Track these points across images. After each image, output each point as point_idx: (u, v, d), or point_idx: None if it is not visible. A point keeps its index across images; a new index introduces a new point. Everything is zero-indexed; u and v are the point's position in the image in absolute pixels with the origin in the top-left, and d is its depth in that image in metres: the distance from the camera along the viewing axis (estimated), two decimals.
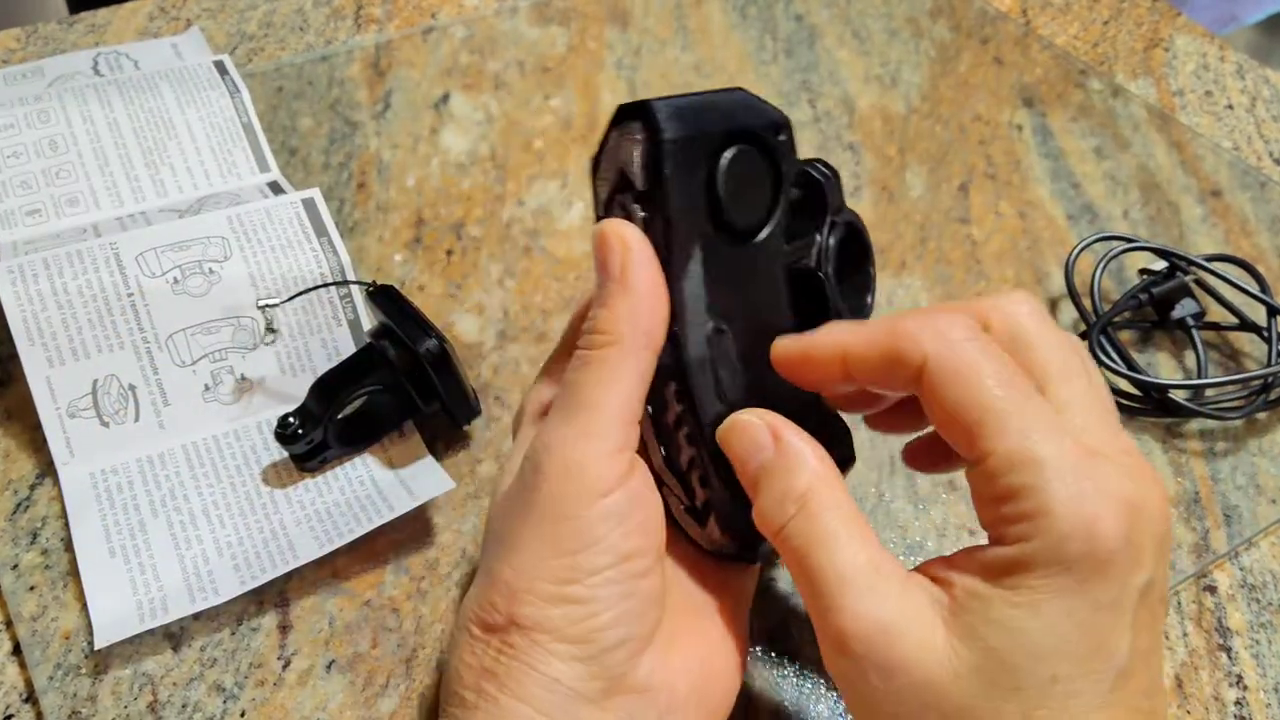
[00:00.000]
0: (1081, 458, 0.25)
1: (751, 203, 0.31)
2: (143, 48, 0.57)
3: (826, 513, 0.27)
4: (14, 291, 0.40)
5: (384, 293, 0.41)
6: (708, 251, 0.30)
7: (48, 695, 0.35)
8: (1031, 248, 0.53)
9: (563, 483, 0.28)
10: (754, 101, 0.31)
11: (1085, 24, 0.69)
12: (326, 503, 0.39)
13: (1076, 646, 0.24)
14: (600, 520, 0.27)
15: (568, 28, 0.65)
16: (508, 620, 0.27)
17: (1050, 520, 0.25)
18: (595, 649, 0.27)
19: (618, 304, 0.28)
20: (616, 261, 0.29)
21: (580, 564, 0.27)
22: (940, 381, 0.26)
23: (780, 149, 0.31)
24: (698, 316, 0.30)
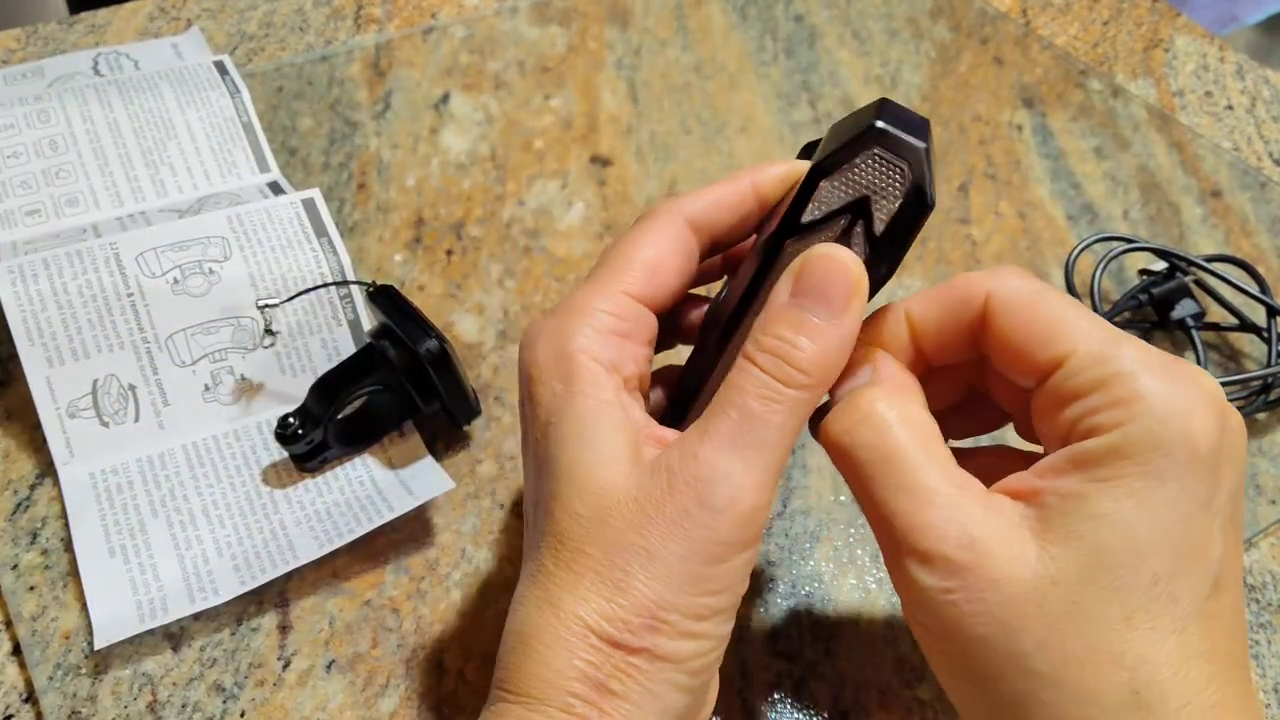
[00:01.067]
0: (1165, 359, 0.25)
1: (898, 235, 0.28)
2: (143, 48, 0.57)
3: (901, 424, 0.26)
4: (14, 291, 0.40)
5: (384, 293, 0.41)
6: None
7: (47, 695, 0.35)
8: (1031, 248, 0.53)
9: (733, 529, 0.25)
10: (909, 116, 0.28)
11: (1085, 24, 0.69)
12: (326, 503, 0.39)
13: (1179, 543, 0.24)
14: (745, 565, 0.26)
15: (568, 28, 0.65)
16: (640, 645, 0.25)
17: (1146, 404, 0.24)
18: (703, 681, 0.27)
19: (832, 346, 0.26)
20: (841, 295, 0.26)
21: (716, 604, 0.26)
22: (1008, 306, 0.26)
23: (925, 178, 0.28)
24: None
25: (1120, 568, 0.24)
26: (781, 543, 0.40)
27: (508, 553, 0.39)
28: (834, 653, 0.37)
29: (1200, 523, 0.24)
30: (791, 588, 0.39)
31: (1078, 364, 0.25)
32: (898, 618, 0.39)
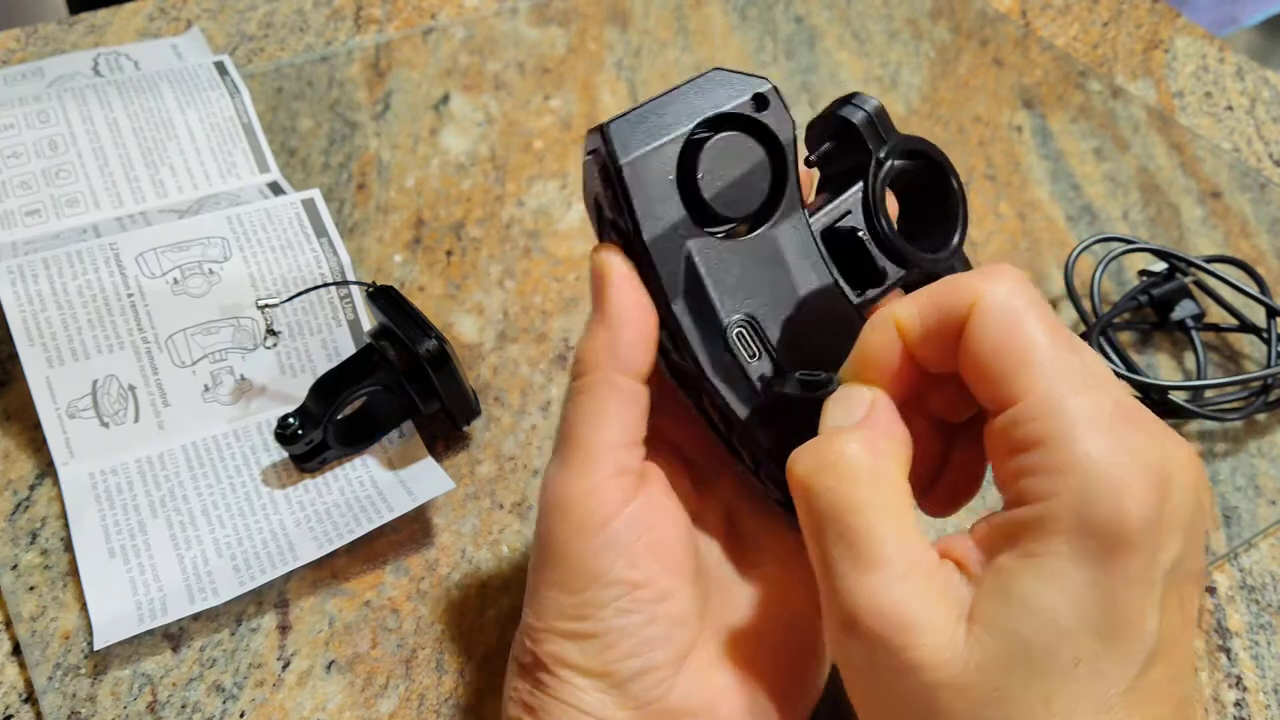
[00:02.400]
0: (1117, 417, 0.23)
1: (750, 187, 0.29)
2: (143, 48, 0.58)
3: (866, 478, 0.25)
4: (14, 292, 0.40)
5: (384, 293, 0.41)
6: (706, 255, 0.28)
7: (47, 695, 0.35)
8: (1031, 249, 0.53)
9: (558, 523, 0.27)
10: (727, 79, 0.29)
11: (1085, 25, 0.69)
12: (326, 503, 0.39)
13: (1101, 623, 0.23)
14: (598, 555, 0.27)
15: (568, 28, 0.65)
16: (535, 661, 0.28)
17: (1076, 477, 0.23)
18: (618, 679, 0.27)
19: (595, 335, 0.28)
20: (596, 290, 0.28)
21: (589, 600, 0.27)
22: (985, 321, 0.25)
23: (766, 121, 0.29)
24: (707, 324, 0.29)
25: (1041, 652, 0.23)
26: None
27: (508, 553, 0.39)
28: None
29: (1130, 600, 0.23)
30: None
31: (1025, 411, 0.24)
32: None
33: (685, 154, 0.28)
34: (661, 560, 0.28)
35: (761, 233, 0.29)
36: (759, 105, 0.29)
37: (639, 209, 0.28)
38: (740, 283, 0.29)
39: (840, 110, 0.31)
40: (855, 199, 0.31)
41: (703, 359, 0.28)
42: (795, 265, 0.30)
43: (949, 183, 0.32)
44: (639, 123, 0.28)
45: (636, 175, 0.28)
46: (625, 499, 0.28)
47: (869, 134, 0.31)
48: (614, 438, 0.28)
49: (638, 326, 0.28)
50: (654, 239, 0.28)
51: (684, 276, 0.28)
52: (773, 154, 0.29)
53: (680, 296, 0.28)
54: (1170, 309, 0.48)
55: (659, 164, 0.28)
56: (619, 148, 0.28)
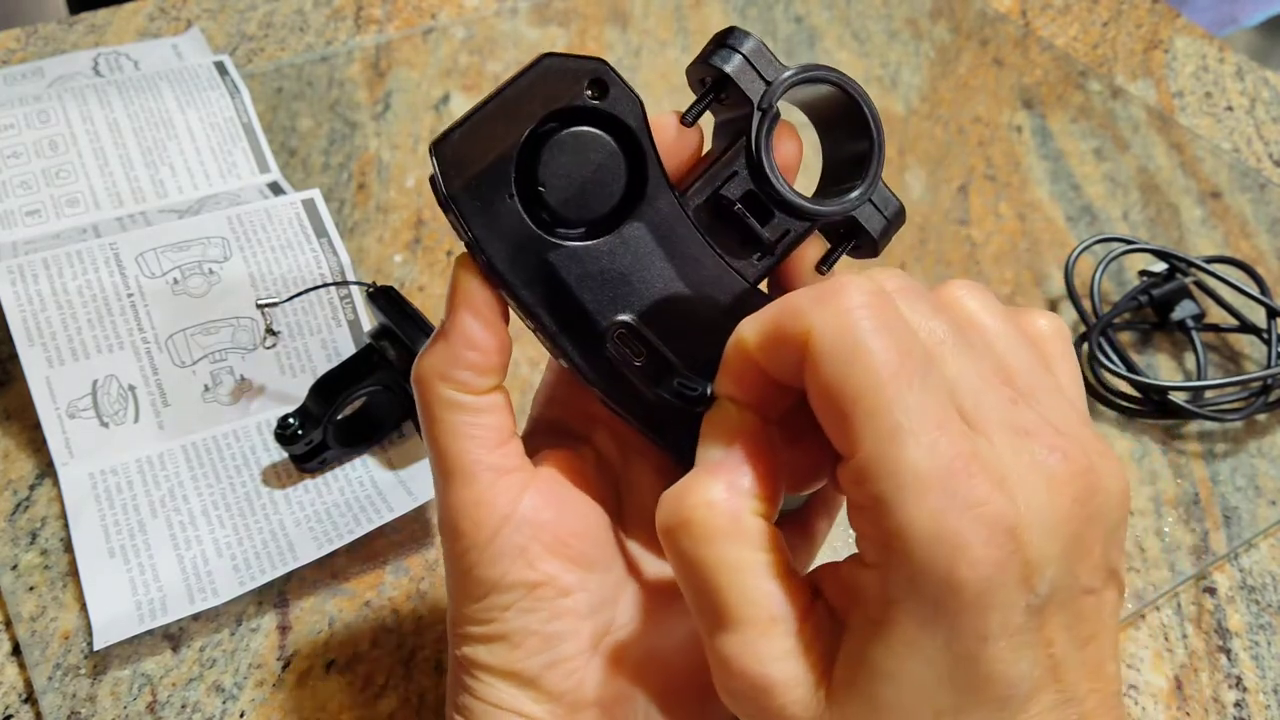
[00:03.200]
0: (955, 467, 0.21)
1: (604, 182, 0.26)
2: (143, 48, 0.57)
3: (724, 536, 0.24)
4: (14, 292, 0.40)
5: (384, 293, 0.41)
6: (569, 265, 0.26)
7: (47, 695, 0.35)
8: (1031, 249, 0.53)
9: (452, 541, 0.28)
10: (556, 66, 0.26)
11: (1085, 25, 0.69)
12: (326, 503, 0.39)
13: (960, 683, 0.22)
14: (493, 563, 0.27)
15: (568, 28, 0.65)
16: (458, 664, 0.29)
17: (908, 546, 0.21)
18: (527, 677, 0.28)
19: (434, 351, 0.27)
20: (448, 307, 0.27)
21: (491, 605, 0.27)
22: (820, 359, 0.22)
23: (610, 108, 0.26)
24: (582, 333, 0.27)
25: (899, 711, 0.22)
26: None
27: None
28: None
29: (991, 655, 0.22)
30: None
31: (858, 468, 0.22)
32: None
33: (522, 163, 0.26)
34: (560, 555, 0.28)
35: (629, 227, 0.27)
36: (598, 91, 0.26)
37: (481, 236, 0.26)
38: (615, 284, 0.27)
39: (712, 58, 0.27)
40: (739, 158, 0.28)
41: (587, 371, 0.27)
42: (674, 251, 0.27)
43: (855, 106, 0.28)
44: (469, 138, 0.26)
45: (472, 200, 0.25)
46: (512, 501, 0.27)
47: (746, 81, 0.27)
48: (480, 446, 0.27)
49: (482, 348, 0.27)
50: (505, 263, 0.26)
51: (549, 291, 0.26)
52: (623, 140, 0.27)
53: (550, 312, 0.27)
54: (1170, 309, 0.48)
55: (494, 183, 0.26)
56: (450, 173, 0.25)
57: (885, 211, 0.29)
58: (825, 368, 0.22)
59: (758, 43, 0.27)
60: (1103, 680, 0.24)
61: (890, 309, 0.23)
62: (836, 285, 0.23)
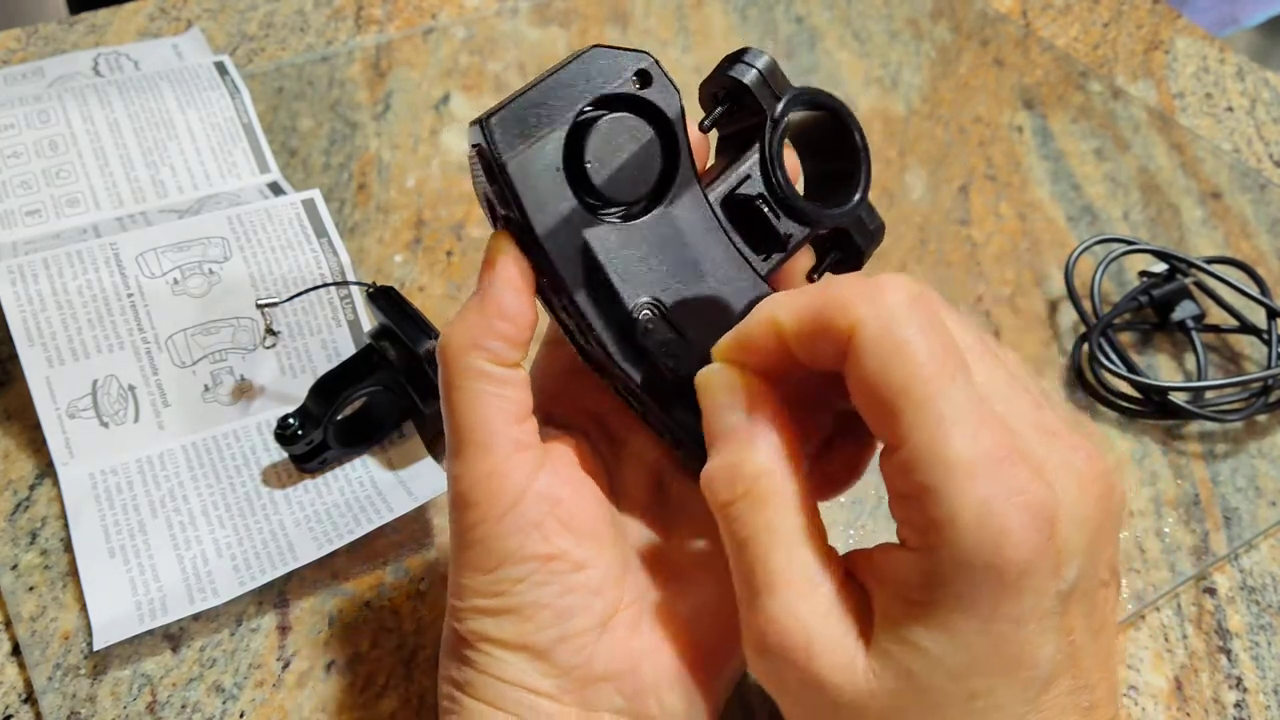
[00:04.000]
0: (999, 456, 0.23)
1: (641, 167, 0.28)
2: (143, 48, 0.58)
3: (774, 502, 0.25)
4: (14, 292, 0.40)
5: (384, 293, 0.41)
6: (604, 242, 0.28)
7: (47, 696, 0.35)
8: (1031, 249, 0.53)
9: (466, 512, 0.28)
10: (606, 57, 0.28)
11: (1086, 26, 0.69)
12: (326, 503, 0.39)
13: (993, 662, 0.23)
14: (509, 535, 0.28)
15: (568, 29, 0.65)
16: (459, 639, 0.29)
17: (954, 532, 0.23)
18: (538, 650, 0.28)
19: (468, 320, 0.28)
20: (483, 279, 0.28)
21: (504, 576, 0.28)
22: (866, 352, 0.24)
23: (650, 98, 0.28)
24: (612, 310, 0.28)
25: (935, 690, 0.24)
26: None
27: None
28: None
29: (1022, 638, 0.23)
30: None
31: (905, 459, 0.23)
32: None
33: (571, 141, 0.28)
34: (573, 531, 0.28)
35: (658, 212, 0.29)
36: (642, 82, 0.28)
37: (528, 204, 0.27)
38: (643, 265, 0.28)
39: (730, 70, 0.30)
40: (753, 163, 0.30)
41: (611, 347, 0.28)
42: (696, 241, 0.29)
43: (849, 131, 0.31)
44: (520, 114, 0.27)
45: (522, 170, 0.27)
46: (529, 475, 0.28)
47: (761, 93, 0.30)
48: (502, 419, 0.28)
49: (514, 320, 0.28)
50: (547, 233, 0.27)
51: (583, 266, 0.28)
52: (661, 130, 0.29)
53: (581, 287, 0.28)
54: (1171, 310, 0.48)
55: (545, 156, 0.27)
56: (501, 144, 0.27)
57: (870, 226, 0.31)
58: (872, 361, 0.23)
59: (772, 60, 0.30)
60: (1109, 671, 0.25)
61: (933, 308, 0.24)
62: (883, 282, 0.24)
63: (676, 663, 0.29)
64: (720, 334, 0.28)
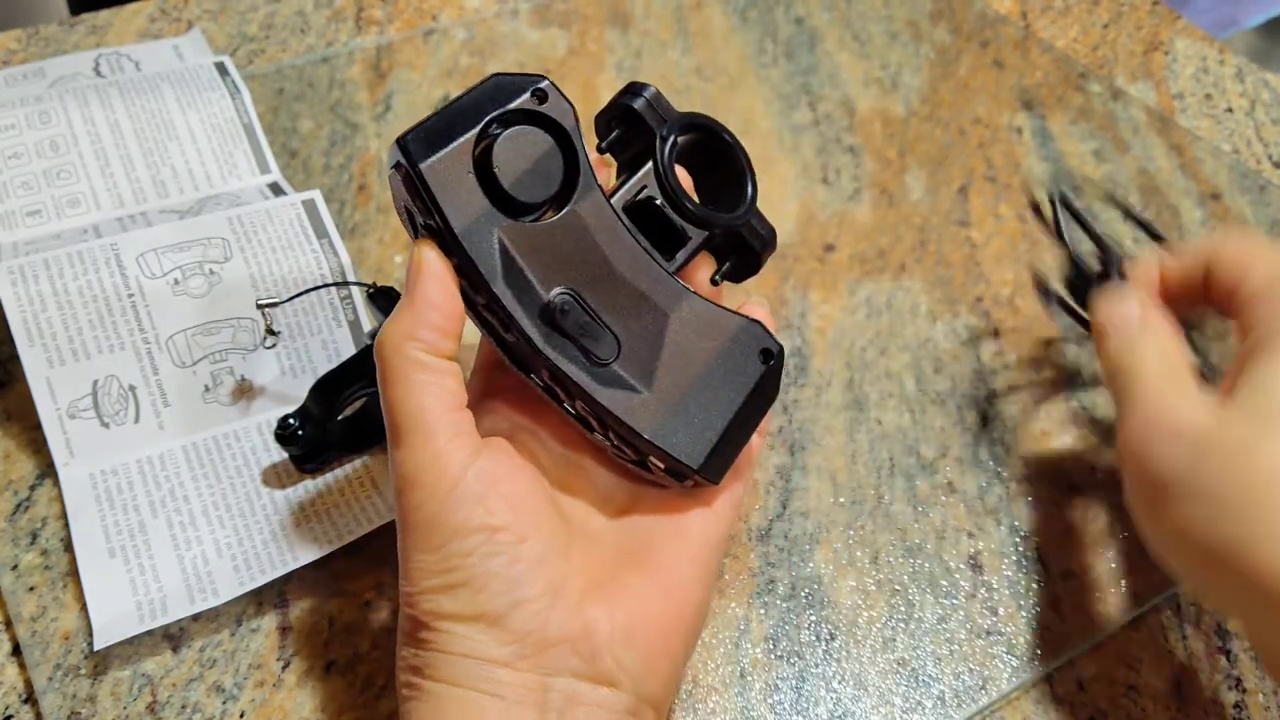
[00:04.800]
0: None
1: (544, 172, 0.31)
2: (144, 49, 0.58)
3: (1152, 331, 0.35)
4: (14, 292, 0.40)
5: (384, 294, 0.41)
6: (517, 240, 0.31)
7: (47, 696, 0.35)
8: (1031, 250, 0.53)
9: (411, 494, 0.29)
10: (505, 80, 0.31)
11: (1085, 27, 0.70)
12: (326, 504, 0.39)
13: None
14: (456, 509, 0.29)
15: (568, 30, 0.65)
16: (415, 623, 0.30)
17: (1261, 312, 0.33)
18: (493, 618, 0.29)
19: (401, 318, 0.30)
20: (410, 279, 0.30)
21: (453, 551, 0.29)
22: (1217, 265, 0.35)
23: (547, 112, 0.31)
24: (529, 300, 0.31)
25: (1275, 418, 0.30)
26: (781, 544, 0.40)
27: None
28: (832, 655, 0.37)
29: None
30: (791, 589, 0.39)
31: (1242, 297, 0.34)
32: (896, 620, 0.39)
33: (480, 151, 0.30)
34: (515, 508, 0.30)
35: (565, 214, 0.31)
36: (539, 99, 0.31)
37: (444, 205, 0.30)
38: (555, 261, 0.31)
39: (622, 99, 0.34)
40: (649, 175, 0.34)
41: (532, 334, 0.31)
42: (603, 239, 0.32)
43: (729, 146, 0.35)
44: (433, 130, 0.30)
45: (437, 175, 0.30)
46: (469, 456, 0.30)
47: (650, 116, 0.34)
48: (440, 406, 0.30)
49: (443, 311, 0.30)
50: (464, 230, 0.30)
51: (500, 261, 0.30)
52: (560, 140, 0.32)
53: (499, 279, 0.30)
54: None
55: (456, 162, 0.30)
56: (416, 154, 0.30)
57: (762, 231, 0.35)
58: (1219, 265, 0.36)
59: (657, 90, 0.34)
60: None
61: None
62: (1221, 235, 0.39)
63: (630, 621, 0.30)
64: (635, 320, 0.32)
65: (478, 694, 0.29)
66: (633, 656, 0.30)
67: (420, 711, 0.29)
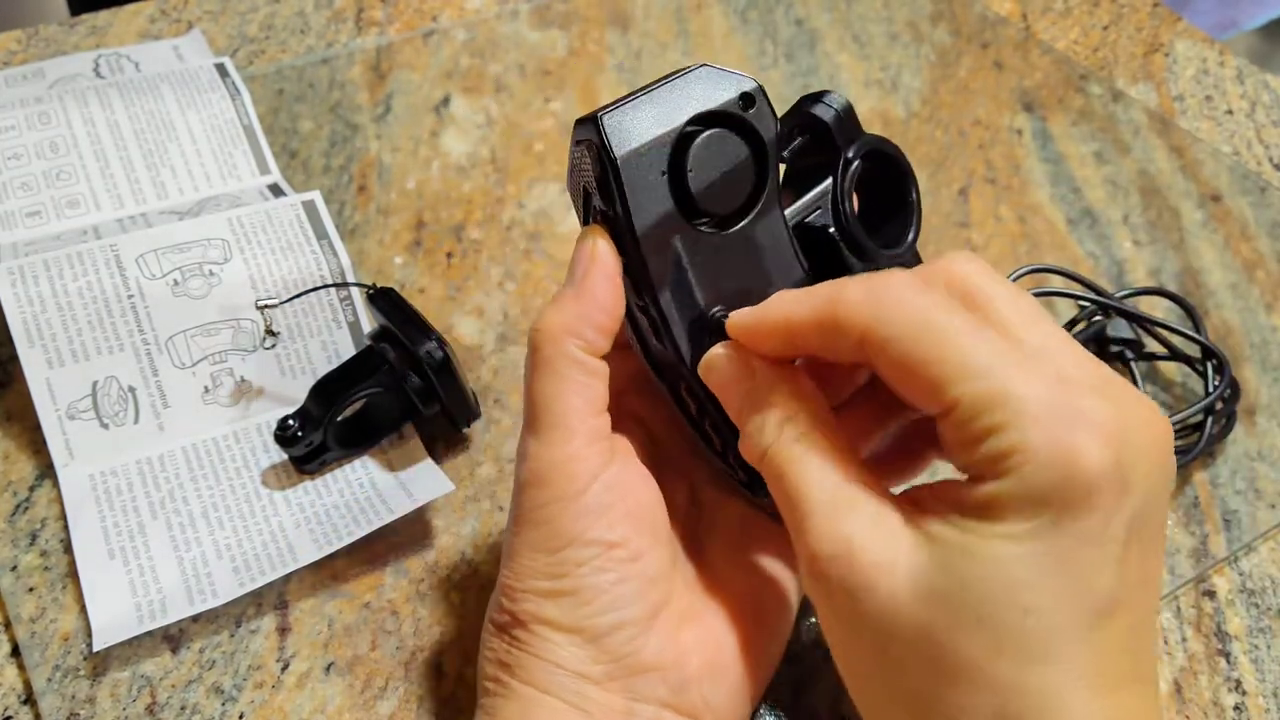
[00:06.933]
0: (1057, 387, 0.24)
1: (735, 183, 0.30)
2: (144, 50, 0.58)
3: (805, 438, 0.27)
4: (14, 293, 0.40)
5: (384, 295, 0.41)
6: (691, 247, 0.30)
7: (46, 697, 0.35)
8: (1031, 252, 0.53)
9: (537, 491, 0.29)
10: (716, 76, 0.30)
11: (1085, 29, 0.70)
12: (326, 505, 0.39)
13: (1054, 581, 0.23)
14: (578, 518, 0.29)
15: (568, 31, 0.65)
16: (512, 619, 0.29)
17: (1026, 455, 0.23)
18: (592, 634, 0.29)
19: (565, 308, 0.29)
20: (580, 268, 0.29)
21: (567, 558, 0.29)
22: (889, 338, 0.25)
23: (752, 120, 0.30)
24: (689, 313, 0.30)
25: (989, 600, 0.24)
26: None
27: None
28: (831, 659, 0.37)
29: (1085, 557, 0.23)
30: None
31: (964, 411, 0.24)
32: None
33: (676, 149, 0.29)
34: (635, 523, 0.29)
35: (742, 227, 0.30)
36: (746, 104, 0.30)
37: (631, 201, 0.29)
38: (721, 275, 0.30)
39: (812, 108, 0.33)
40: (824, 196, 0.32)
41: (684, 348, 0.30)
42: (772, 260, 0.31)
43: (908, 184, 0.34)
44: (632, 115, 0.29)
45: (630, 168, 0.28)
46: (600, 465, 0.29)
47: (839, 132, 0.32)
48: (584, 408, 0.29)
49: (609, 312, 0.29)
50: (645, 231, 0.29)
51: (671, 267, 0.29)
52: (756, 152, 0.30)
53: (666, 287, 0.29)
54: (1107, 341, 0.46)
55: (652, 158, 0.29)
56: (614, 140, 0.28)
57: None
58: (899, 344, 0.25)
59: (849, 103, 0.33)
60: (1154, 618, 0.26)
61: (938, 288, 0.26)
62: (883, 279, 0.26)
63: (719, 656, 0.30)
64: None
65: (566, 706, 0.28)
66: (718, 691, 0.30)
67: (505, 710, 0.29)
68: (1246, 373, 0.48)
